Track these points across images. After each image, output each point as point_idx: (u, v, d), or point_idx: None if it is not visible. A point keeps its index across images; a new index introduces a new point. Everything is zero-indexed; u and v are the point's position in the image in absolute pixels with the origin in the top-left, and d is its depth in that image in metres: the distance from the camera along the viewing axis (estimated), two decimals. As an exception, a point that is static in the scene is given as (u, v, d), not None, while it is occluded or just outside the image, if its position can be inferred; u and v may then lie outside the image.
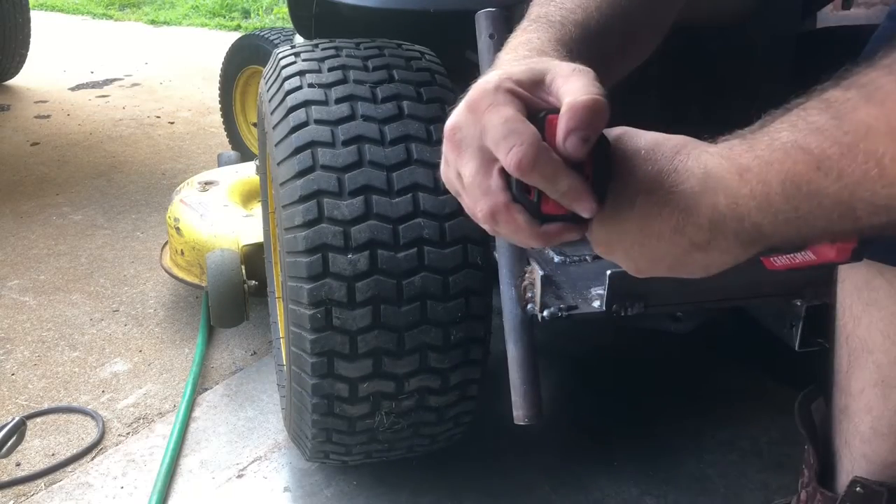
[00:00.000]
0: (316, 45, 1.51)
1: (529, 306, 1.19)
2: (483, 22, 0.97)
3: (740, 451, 1.72)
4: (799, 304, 1.25)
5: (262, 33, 3.18)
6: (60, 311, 2.40)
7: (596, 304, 1.23)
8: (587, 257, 1.37)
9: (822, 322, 1.19)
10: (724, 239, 0.53)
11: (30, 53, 4.90)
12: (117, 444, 1.82)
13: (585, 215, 0.55)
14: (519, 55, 0.65)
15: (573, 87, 0.54)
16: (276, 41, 2.98)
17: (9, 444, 1.56)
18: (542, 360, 1.31)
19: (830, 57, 1.58)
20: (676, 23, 1.49)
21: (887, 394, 0.96)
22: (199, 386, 2.01)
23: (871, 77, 0.43)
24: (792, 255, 0.61)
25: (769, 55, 1.52)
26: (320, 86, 1.38)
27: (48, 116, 4.33)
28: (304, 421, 1.40)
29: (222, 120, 3.44)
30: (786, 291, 1.24)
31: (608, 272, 1.17)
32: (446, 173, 0.62)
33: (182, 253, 2.27)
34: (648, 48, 0.82)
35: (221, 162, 2.85)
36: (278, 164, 1.33)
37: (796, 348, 1.27)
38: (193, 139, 3.99)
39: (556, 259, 1.37)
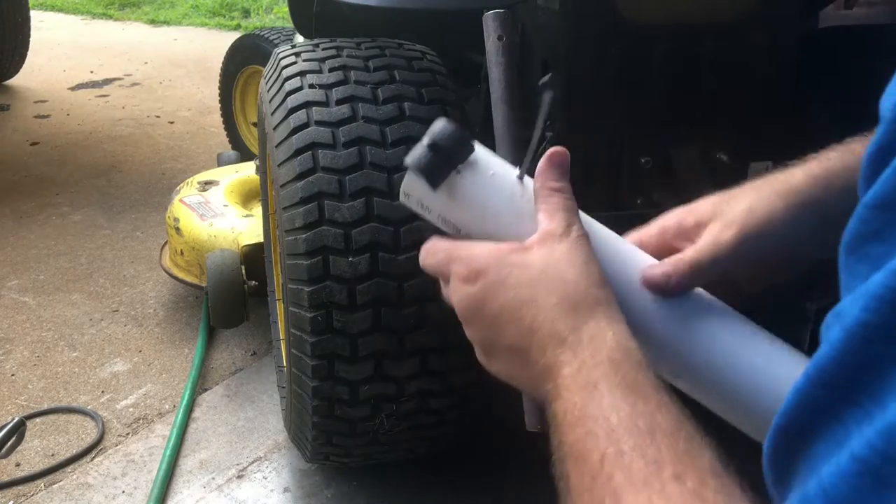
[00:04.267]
0: (317, 45, 1.50)
1: None
2: (491, 24, 0.95)
3: (740, 451, 1.72)
4: (808, 305, 1.23)
5: (262, 33, 3.18)
6: (60, 311, 2.39)
7: None
8: None
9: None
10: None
11: (29, 53, 4.89)
12: (117, 445, 1.81)
13: None
14: None
15: None
16: (276, 41, 2.97)
17: (9, 444, 1.56)
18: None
19: (833, 57, 1.58)
20: (676, 22, 1.48)
21: None
22: (199, 386, 2.01)
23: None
24: None
25: (770, 55, 1.51)
26: (321, 86, 1.37)
27: (48, 116, 4.33)
28: (305, 423, 1.40)
29: (222, 120, 3.44)
30: (796, 293, 1.22)
31: None
32: None
33: (182, 253, 2.27)
34: None
35: (221, 162, 2.85)
36: (279, 165, 1.33)
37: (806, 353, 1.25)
38: (193, 139, 3.98)
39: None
